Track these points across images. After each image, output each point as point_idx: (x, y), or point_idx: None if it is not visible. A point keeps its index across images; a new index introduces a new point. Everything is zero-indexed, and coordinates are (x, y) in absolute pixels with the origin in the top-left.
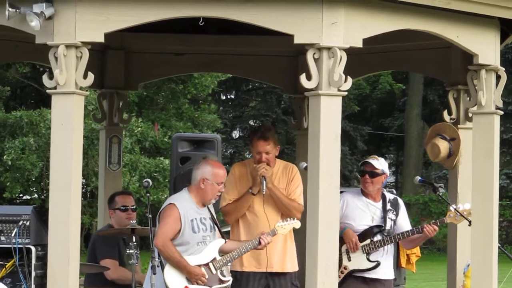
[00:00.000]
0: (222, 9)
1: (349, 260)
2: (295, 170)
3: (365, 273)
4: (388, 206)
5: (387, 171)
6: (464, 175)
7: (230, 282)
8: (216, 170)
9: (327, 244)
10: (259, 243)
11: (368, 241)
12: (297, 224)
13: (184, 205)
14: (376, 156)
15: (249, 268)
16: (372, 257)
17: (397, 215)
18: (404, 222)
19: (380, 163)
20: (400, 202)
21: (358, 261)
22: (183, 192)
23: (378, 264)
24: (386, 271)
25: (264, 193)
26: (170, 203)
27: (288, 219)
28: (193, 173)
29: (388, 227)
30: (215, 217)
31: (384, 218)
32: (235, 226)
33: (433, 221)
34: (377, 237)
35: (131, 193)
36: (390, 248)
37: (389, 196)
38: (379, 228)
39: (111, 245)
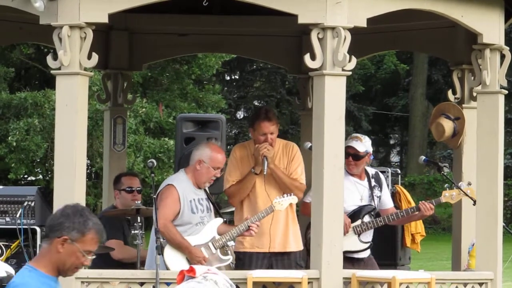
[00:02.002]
0: None
1: None
2: (295, 149)
3: (354, 254)
4: (373, 183)
5: (370, 150)
6: (468, 155)
7: (230, 261)
8: (214, 154)
9: (332, 224)
10: (248, 229)
11: (358, 221)
12: (294, 199)
13: (182, 186)
14: (359, 136)
15: (251, 249)
16: (363, 238)
17: (381, 190)
18: (387, 198)
19: (364, 144)
20: (382, 176)
21: (349, 242)
22: (180, 173)
23: (370, 245)
24: (368, 250)
25: (265, 173)
26: (169, 184)
27: (285, 195)
28: (192, 154)
29: (375, 205)
30: (211, 197)
31: (371, 197)
32: (239, 208)
33: (429, 200)
34: (367, 218)
35: (137, 174)
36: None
37: (371, 171)
38: (370, 208)
39: (115, 226)
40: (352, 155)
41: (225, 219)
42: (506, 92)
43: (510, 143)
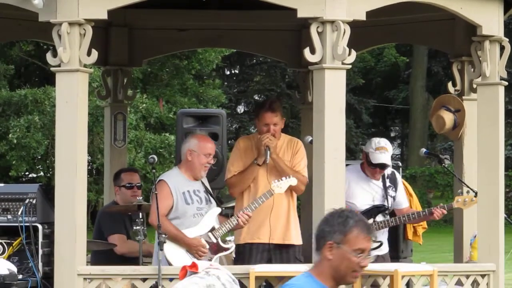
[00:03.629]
0: None
1: None
2: (299, 144)
3: None
4: (388, 183)
5: None
6: (469, 147)
7: (232, 249)
8: (202, 142)
9: None
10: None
11: (371, 220)
12: (293, 181)
13: (174, 179)
14: (386, 146)
15: (251, 240)
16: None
17: (396, 190)
18: (402, 198)
19: (390, 154)
20: (398, 176)
21: None
22: (173, 168)
23: (381, 244)
24: (385, 247)
25: (267, 162)
26: (159, 180)
27: (283, 177)
28: (181, 149)
29: (389, 204)
30: (210, 189)
31: (385, 197)
32: (240, 198)
33: (441, 204)
34: (379, 217)
35: (137, 170)
36: None
37: (387, 171)
38: (382, 208)
39: (117, 221)
40: (379, 166)
41: (222, 209)
42: (506, 83)
43: (510, 134)
